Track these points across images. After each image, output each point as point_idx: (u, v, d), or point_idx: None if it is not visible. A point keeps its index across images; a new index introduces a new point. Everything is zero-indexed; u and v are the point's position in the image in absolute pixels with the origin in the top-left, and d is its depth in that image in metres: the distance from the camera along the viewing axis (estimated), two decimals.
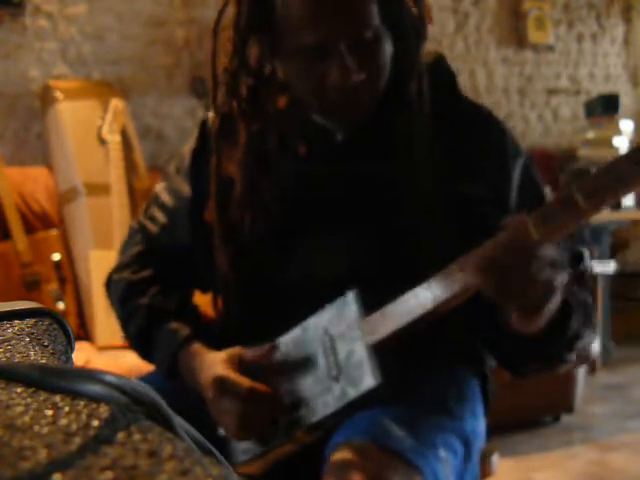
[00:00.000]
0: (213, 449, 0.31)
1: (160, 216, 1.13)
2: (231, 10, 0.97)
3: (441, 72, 1.06)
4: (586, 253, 1.04)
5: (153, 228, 1.14)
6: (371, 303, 0.91)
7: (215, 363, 0.98)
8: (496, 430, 1.13)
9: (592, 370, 3.19)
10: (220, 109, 1.03)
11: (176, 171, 1.14)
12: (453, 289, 0.85)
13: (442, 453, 0.91)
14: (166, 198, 1.13)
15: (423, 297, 0.86)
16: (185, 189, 1.11)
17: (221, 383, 0.95)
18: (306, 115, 1.02)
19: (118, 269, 1.15)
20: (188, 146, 1.13)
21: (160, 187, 1.16)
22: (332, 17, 0.91)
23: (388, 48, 0.96)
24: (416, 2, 0.97)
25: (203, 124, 1.13)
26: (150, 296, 1.09)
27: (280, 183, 1.02)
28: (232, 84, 1.00)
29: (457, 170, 1.00)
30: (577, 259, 1.03)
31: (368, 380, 0.87)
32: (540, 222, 0.79)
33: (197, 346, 1.04)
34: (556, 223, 0.79)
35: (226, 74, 0.99)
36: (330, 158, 1.03)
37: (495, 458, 1.23)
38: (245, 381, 0.95)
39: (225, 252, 1.03)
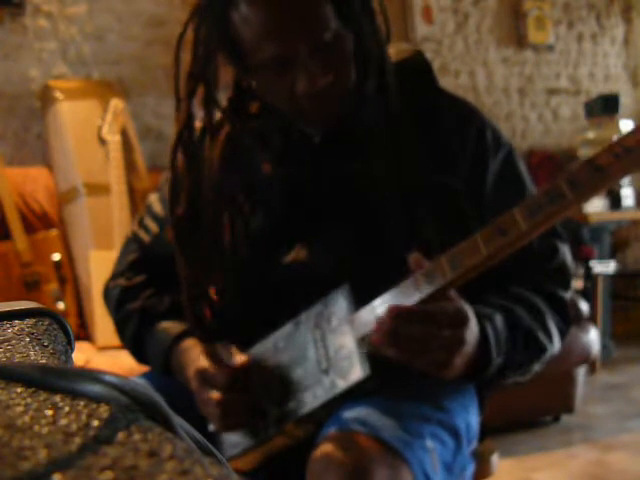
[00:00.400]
0: (213, 449, 0.31)
1: (153, 226, 1.17)
2: (189, 33, 0.97)
3: (417, 67, 1.06)
4: (562, 247, 1.04)
5: (146, 237, 1.17)
6: (361, 298, 0.92)
7: (199, 357, 1.00)
8: (496, 430, 1.14)
9: (592, 370, 3.19)
10: (179, 129, 1.04)
11: (166, 181, 1.16)
12: (439, 282, 0.86)
13: (429, 443, 0.92)
14: (158, 208, 1.17)
15: (410, 290, 0.87)
16: None
17: (201, 374, 0.97)
18: (280, 120, 1.03)
19: (114, 277, 1.19)
20: None
21: (153, 197, 1.19)
22: (289, 27, 0.91)
23: (350, 45, 0.96)
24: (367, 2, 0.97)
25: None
26: (143, 299, 1.13)
27: (259, 188, 1.04)
28: (190, 106, 1.01)
29: (435, 162, 1.01)
30: (552, 253, 1.03)
31: (357, 372, 0.89)
32: (527, 213, 0.80)
33: (188, 343, 1.06)
34: (543, 214, 0.79)
35: (185, 97, 1.01)
36: (309, 159, 1.04)
37: (495, 458, 1.23)
38: (223, 371, 0.96)
39: (185, 269, 1.04)
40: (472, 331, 0.88)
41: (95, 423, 0.27)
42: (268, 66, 0.94)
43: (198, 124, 1.13)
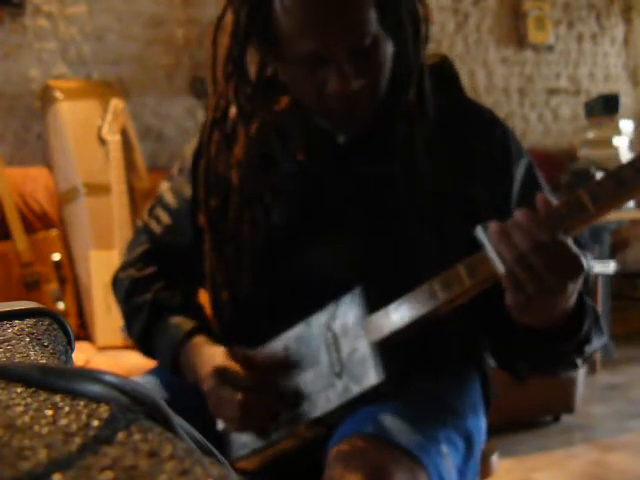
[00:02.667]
0: (213, 449, 0.31)
1: (164, 216, 1.14)
2: (229, 17, 0.97)
3: (445, 74, 1.06)
4: (588, 258, 1.04)
5: (157, 228, 1.15)
6: (374, 301, 0.91)
7: (216, 355, 0.99)
8: (496, 430, 1.14)
9: (592, 370, 3.19)
10: (215, 113, 1.03)
11: (179, 172, 1.15)
12: (457, 289, 0.85)
13: (444, 449, 0.92)
14: (170, 199, 1.14)
15: (426, 297, 0.87)
16: (187, 190, 1.12)
17: (221, 373, 0.96)
18: (307, 117, 1.02)
19: (124, 268, 1.16)
20: (190, 147, 1.14)
21: (164, 187, 1.17)
22: (331, 26, 0.90)
23: (388, 50, 0.95)
24: (419, 3, 0.96)
25: (205, 124, 1.13)
26: (154, 292, 1.11)
27: (281, 184, 1.03)
28: (228, 90, 1.00)
29: (459, 171, 1.00)
30: None
31: (372, 377, 0.88)
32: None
33: (199, 340, 1.04)
34: (563, 226, 0.79)
35: (223, 80, 1.00)
36: (331, 159, 1.03)
37: (495, 458, 1.23)
38: (245, 371, 0.96)
39: (213, 257, 1.04)
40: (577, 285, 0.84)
41: (95, 423, 0.27)
42: (302, 61, 0.93)
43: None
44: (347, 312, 0.93)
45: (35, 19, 2.75)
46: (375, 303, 0.91)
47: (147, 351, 1.13)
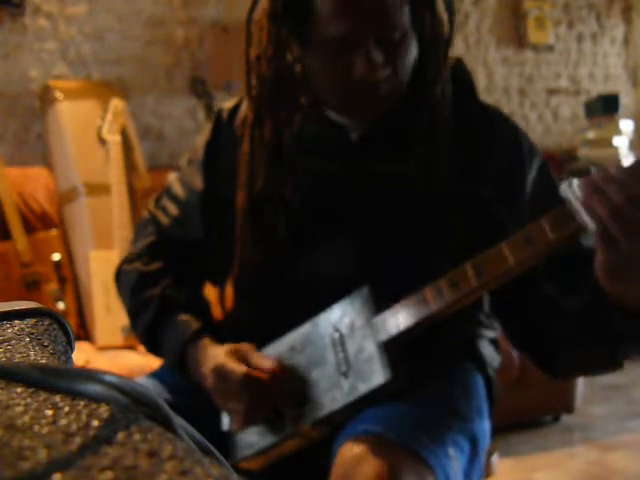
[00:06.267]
0: (213, 449, 0.31)
1: (172, 208, 1.13)
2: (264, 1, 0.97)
3: (460, 75, 1.06)
4: None
5: (165, 219, 1.14)
6: (381, 301, 0.91)
7: (218, 354, 1.00)
8: (496, 430, 1.14)
9: None
10: (255, 99, 1.03)
11: (188, 163, 1.14)
12: (463, 289, 0.85)
13: (451, 451, 0.92)
14: (178, 190, 1.13)
15: (433, 296, 0.87)
16: (197, 182, 1.11)
17: (220, 370, 0.97)
18: (321, 112, 1.02)
19: (129, 260, 1.15)
20: (202, 138, 1.13)
21: (173, 177, 1.16)
22: (365, 12, 0.92)
23: (413, 51, 0.97)
24: (447, 8, 0.98)
25: (218, 116, 1.13)
26: (162, 287, 1.09)
27: (296, 180, 1.03)
28: (266, 72, 1.00)
29: (471, 171, 1.00)
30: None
31: (378, 376, 0.88)
32: (555, 224, 0.79)
33: (205, 340, 1.04)
34: (571, 226, 0.79)
35: (260, 63, 1.00)
36: (344, 157, 1.03)
37: (495, 458, 1.23)
38: (240, 368, 0.96)
39: (252, 240, 1.03)
40: None
41: (95, 423, 0.27)
42: (331, 43, 0.93)
43: (227, 105, 1.11)
44: (354, 312, 0.93)
45: (35, 19, 2.75)
46: (381, 302, 0.92)
47: (151, 347, 1.12)
